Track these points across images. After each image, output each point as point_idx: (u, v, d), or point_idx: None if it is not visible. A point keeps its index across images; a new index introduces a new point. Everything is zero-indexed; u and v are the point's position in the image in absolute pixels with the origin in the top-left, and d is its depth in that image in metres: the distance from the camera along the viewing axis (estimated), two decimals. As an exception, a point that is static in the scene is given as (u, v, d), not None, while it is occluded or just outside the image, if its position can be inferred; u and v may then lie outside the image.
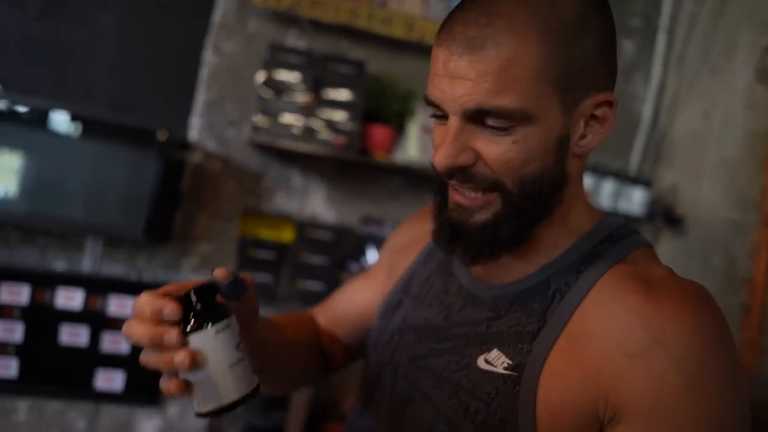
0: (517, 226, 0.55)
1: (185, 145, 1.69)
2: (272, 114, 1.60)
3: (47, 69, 1.64)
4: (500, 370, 0.54)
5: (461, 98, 0.50)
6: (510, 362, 0.54)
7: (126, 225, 1.50)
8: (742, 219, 1.60)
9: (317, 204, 1.79)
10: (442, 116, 0.54)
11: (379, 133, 1.67)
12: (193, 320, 0.50)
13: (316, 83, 1.63)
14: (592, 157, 1.92)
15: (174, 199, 1.68)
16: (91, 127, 1.53)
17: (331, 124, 1.62)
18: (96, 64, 1.67)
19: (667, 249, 1.88)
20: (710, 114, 1.80)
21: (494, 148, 0.52)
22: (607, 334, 0.50)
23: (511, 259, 0.59)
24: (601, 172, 1.80)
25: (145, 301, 0.49)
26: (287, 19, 1.74)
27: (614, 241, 0.58)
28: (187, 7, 1.71)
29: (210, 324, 0.50)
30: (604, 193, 1.79)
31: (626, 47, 2.00)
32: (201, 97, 1.71)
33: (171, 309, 0.48)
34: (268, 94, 1.61)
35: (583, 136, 0.54)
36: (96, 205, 1.52)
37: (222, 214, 1.73)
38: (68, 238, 1.64)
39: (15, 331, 1.59)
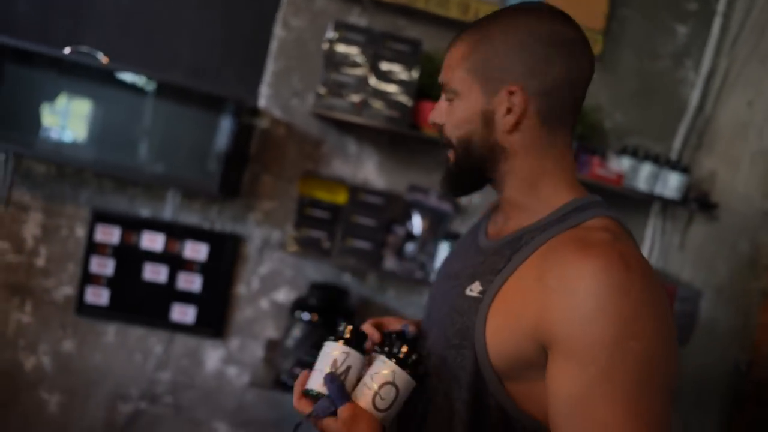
0: (468, 172, 0.79)
1: (255, 111, 1.88)
2: (333, 86, 1.76)
3: (136, 38, 1.85)
4: (475, 294, 0.74)
5: (439, 76, 0.80)
6: (481, 288, 0.74)
7: (202, 180, 1.72)
8: (773, 209, 1.67)
9: (369, 170, 1.95)
10: None
11: (429, 108, 1.80)
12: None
13: (374, 59, 1.77)
14: (635, 138, 2.00)
15: (243, 160, 1.88)
16: (172, 91, 1.74)
17: (386, 98, 1.76)
18: (178, 35, 1.86)
19: (698, 233, 1.95)
20: (754, 104, 1.83)
21: (448, 114, 0.78)
22: (543, 276, 0.67)
23: (505, 225, 0.81)
24: (640, 155, 1.88)
25: None
26: (351, -2, 1.87)
27: (579, 211, 0.73)
28: (261, -17, 1.86)
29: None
30: (642, 176, 1.87)
31: (679, 31, 2.03)
32: (270, 68, 1.89)
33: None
34: (330, 67, 1.76)
35: (504, 116, 0.74)
36: (177, 160, 1.74)
37: (284, 176, 1.92)
38: (153, 189, 1.88)
39: (107, 266, 1.86)
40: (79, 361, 1.89)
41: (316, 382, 0.74)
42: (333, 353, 0.75)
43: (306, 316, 1.74)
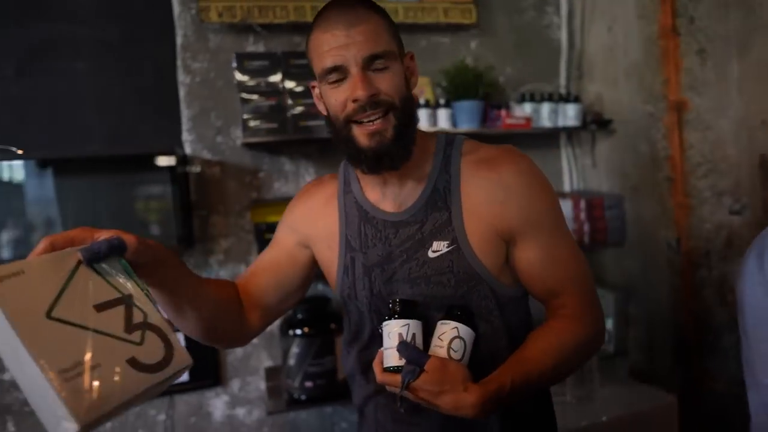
0: (409, 133, 0.86)
1: (184, 159, 1.90)
2: (254, 114, 1.83)
3: (38, 124, 1.80)
4: (445, 249, 0.88)
5: (357, 54, 0.81)
6: (447, 242, 0.88)
7: (159, 239, 1.72)
8: (654, 109, 1.97)
9: (309, 181, 2.04)
10: (337, 80, 0.83)
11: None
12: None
13: (283, 79, 1.86)
14: (528, 86, 2.24)
15: (187, 208, 1.90)
16: (93, 166, 1.73)
17: (306, 112, 1.86)
18: (82, 109, 1.83)
19: (603, 148, 2.24)
20: (613, 29, 2.14)
21: (384, 81, 0.82)
22: (484, 199, 0.88)
23: (401, 191, 0.91)
24: (537, 98, 2.12)
25: None
26: (243, 29, 1.95)
27: (450, 145, 0.93)
28: (151, 37, 1.88)
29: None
30: (544, 114, 2.11)
31: (533, -15, 2.30)
32: (186, 114, 1.92)
33: None
34: (245, 97, 1.83)
35: (410, 78, 0.89)
36: (127, 228, 1.73)
37: (232, 211, 1.96)
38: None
39: (83, 355, 1.81)
40: (83, 459, 1.82)
41: (391, 358, 0.80)
42: (395, 329, 0.82)
43: (299, 331, 1.80)
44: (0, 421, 1.76)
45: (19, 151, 1.62)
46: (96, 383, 0.60)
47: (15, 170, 1.65)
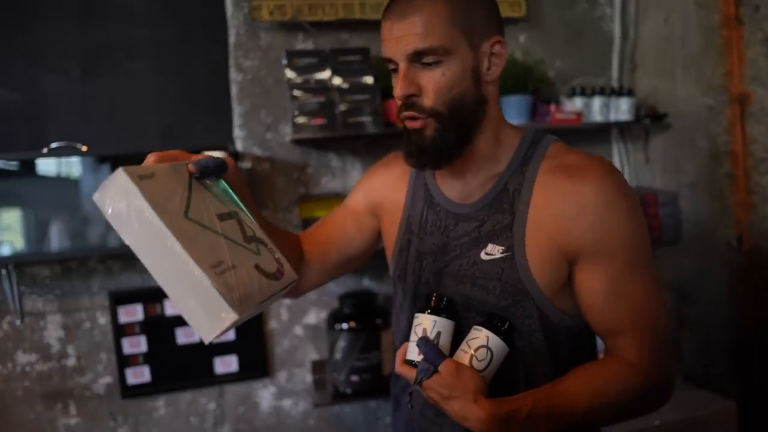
0: (456, 137, 0.79)
1: (235, 156, 1.95)
2: (303, 111, 1.86)
3: (99, 122, 1.88)
4: (498, 255, 0.81)
5: (403, 48, 0.76)
6: (503, 248, 0.81)
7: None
8: (714, 102, 1.88)
9: (356, 178, 2.06)
10: (395, 69, 0.80)
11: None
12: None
13: (332, 76, 1.88)
14: (579, 79, 2.19)
15: (238, 204, 1.95)
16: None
17: (353, 108, 1.87)
18: (140, 107, 1.91)
19: (657, 144, 2.16)
20: (670, 19, 2.05)
21: (431, 80, 0.77)
22: (553, 210, 0.79)
23: (474, 182, 0.86)
24: (588, 92, 2.06)
25: None
26: (293, 26, 1.98)
27: (536, 144, 0.85)
28: (205, 36, 1.94)
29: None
30: (595, 108, 2.05)
31: (585, -24, 2.24)
32: (237, 111, 1.97)
33: None
34: (295, 94, 1.86)
35: (488, 68, 0.80)
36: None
37: (280, 207, 2.00)
38: (160, 257, 1.91)
39: (140, 344, 1.88)
40: (139, 443, 1.90)
41: (412, 352, 0.79)
42: (423, 323, 0.80)
43: (345, 326, 1.82)
44: (63, 405, 1.85)
45: (84, 148, 1.70)
46: (239, 282, 0.62)
47: (73, 166, 1.73)
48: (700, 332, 2.01)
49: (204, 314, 0.58)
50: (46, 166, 1.70)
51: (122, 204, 0.58)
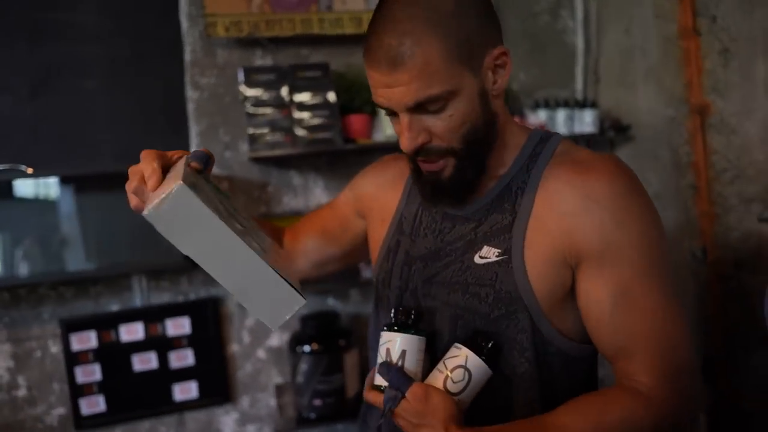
0: (475, 166, 0.74)
1: (192, 175, 1.90)
2: (260, 128, 1.81)
3: (50, 142, 1.82)
4: (493, 258, 0.73)
5: (401, 100, 0.68)
6: (499, 251, 0.73)
7: (164, 256, 1.72)
8: (675, 113, 1.88)
9: (319, 195, 2.02)
10: (393, 114, 0.72)
11: (356, 121, 1.89)
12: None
13: (290, 92, 1.85)
14: (543, 92, 2.17)
15: (196, 224, 1.89)
16: (98, 183, 1.74)
17: (312, 124, 1.84)
18: (93, 126, 1.85)
19: (622, 154, 2.15)
20: (630, 30, 2.05)
21: (439, 124, 0.69)
22: (558, 207, 0.71)
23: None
24: (552, 104, 2.05)
25: None
26: (250, 43, 1.94)
27: (544, 142, 0.78)
28: (160, 54, 1.89)
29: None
30: (559, 121, 2.04)
31: (547, -11, 2.24)
32: (194, 130, 1.92)
33: None
34: (252, 112, 1.82)
35: (494, 82, 0.72)
36: (140, 246, 1.74)
37: (240, 226, 1.95)
38: (116, 281, 1.85)
39: (94, 372, 1.81)
40: (95, 477, 1.82)
41: (378, 376, 0.73)
42: (387, 343, 0.73)
43: (307, 348, 1.77)
44: (14, 438, 1.77)
45: (29, 170, 1.64)
46: (281, 268, 0.66)
47: (22, 188, 1.67)
48: (670, 345, 1.99)
49: (274, 305, 0.64)
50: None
51: (182, 215, 0.60)
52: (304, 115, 1.84)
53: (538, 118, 2.02)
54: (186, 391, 1.88)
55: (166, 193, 0.59)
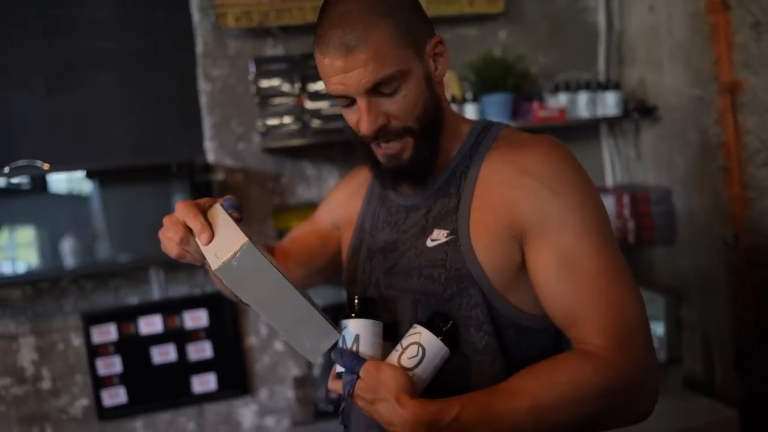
0: (430, 147, 0.79)
1: (207, 168, 1.90)
2: (273, 119, 1.80)
3: (67, 138, 1.84)
4: (443, 239, 0.78)
5: (360, 81, 0.72)
6: (447, 231, 0.78)
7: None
8: (704, 93, 1.78)
9: (332, 185, 1.97)
10: (348, 104, 0.77)
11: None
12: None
13: (303, 81, 1.82)
14: (563, 75, 2.10)
15: (211, 217, 1.89)
16: (118, 177, 1.75)
17: (326, 114, 1.81)
18: (108, 122, 1.86)
19: (648, 138, 2.06)
20: (655, 7, 1.96)
21: (395, 106, 0.75)
22: (498, 184, 0.77)
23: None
24: (573, 87, 1.97)
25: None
26: (261, 33, 1.92)
27: (486, 131, 0.84)
28: (172, 46, 1.89)
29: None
30: (581, 104, 1.96)
31: (567, -33, 2.15)
32: (207, 122, 1.91)
33: None
34: (264, 103, 1.80)
35: (436, 69, 0.79)
36: (157, 239, 1.74)
37: (255, 218, 1.94)
38: (133, 274, 1.87)
39: (115, 365, 1.83)
40: (118, 467, 1.85)
41: (336, 365, 0.75)
42: (342, 332, 0.75)
43: (323, 340, 1.75)
44: (40, 429, 1.81)
45: (45, 166, 1.66)
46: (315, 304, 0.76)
47: (43, 183, 1.69)
48: (699, 336, 1.91)
49: (316, 340, 0.73)
50: (12, 183, 1.66)
51: (248, 270, 0.68)
52: (317, 104, 1.82)
53: (558, 102, 1.95)
54: (205, 383, 1.89)
55: (233, 251, 0.66)
